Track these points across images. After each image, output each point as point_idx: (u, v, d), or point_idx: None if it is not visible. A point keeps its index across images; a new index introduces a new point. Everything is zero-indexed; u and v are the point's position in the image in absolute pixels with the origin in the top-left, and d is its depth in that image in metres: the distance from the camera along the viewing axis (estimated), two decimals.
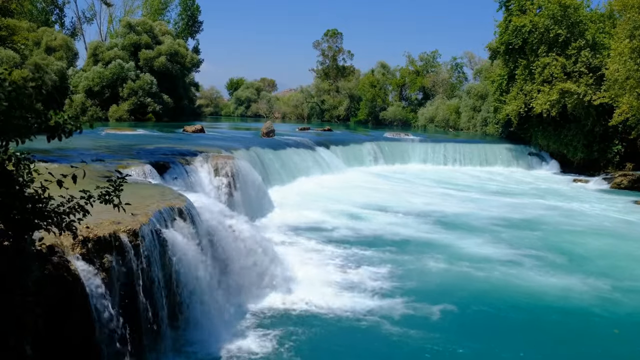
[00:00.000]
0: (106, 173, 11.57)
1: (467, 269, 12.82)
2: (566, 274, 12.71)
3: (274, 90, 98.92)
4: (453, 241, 15.45)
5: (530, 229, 17.33)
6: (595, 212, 21.12)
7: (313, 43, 79.54)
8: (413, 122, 66.32)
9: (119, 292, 6.94)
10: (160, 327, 7.74)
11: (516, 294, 11.29)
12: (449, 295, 11.01)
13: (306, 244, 14.41)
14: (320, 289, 10.89)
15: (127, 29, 52.75)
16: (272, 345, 8.50)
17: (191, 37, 71.46)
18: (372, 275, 12.01)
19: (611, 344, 9.36)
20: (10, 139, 4.98)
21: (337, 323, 9.49)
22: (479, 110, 51.97)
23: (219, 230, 10.10)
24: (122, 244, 7.07)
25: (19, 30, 33.69)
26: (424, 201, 21.79)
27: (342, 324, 9.46)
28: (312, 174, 25.41)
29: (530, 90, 33.60)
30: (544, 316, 10.30)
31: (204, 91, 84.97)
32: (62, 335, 6.04)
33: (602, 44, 31.88)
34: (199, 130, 31.87)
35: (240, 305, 9.75)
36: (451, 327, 9.60)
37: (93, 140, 20.87)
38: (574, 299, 11.14)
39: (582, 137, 32.93)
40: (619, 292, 11.56)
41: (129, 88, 49.22)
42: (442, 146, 35.86)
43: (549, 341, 9.31)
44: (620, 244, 16.12)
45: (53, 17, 67.31)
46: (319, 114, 78.46)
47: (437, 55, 71.20)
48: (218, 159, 16.88)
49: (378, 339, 9.00)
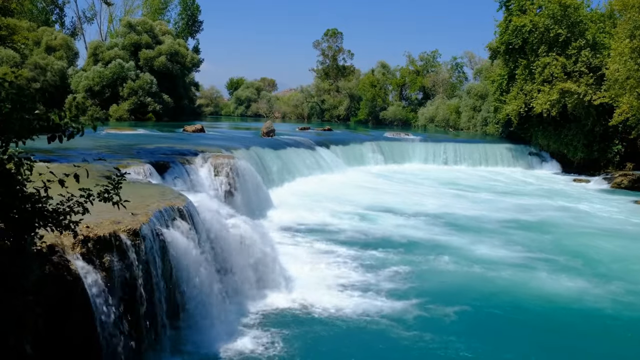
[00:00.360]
0: (106, 172, 11.57)
1: (479, 271, 12.70)
2: (579, 276, 12.54)
3: (274, 90, 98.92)
4: (455, 242, 15.37)
5: (538, 231, 17.15)
6: (600, 213, 20.98)
7: (313, 43, 79.60)
8: (413, 122, 66.33)
9: (119, 291, 6.94)
10: (160, 326, 7.74)
11: (528, 297, 11.17)
12: (458, 296, 10.90)
13: (306, 244, 14.41)
14: (322, 290, 10.88)
15: (128, 29, 52.76)
16: (272, 346, 8.49)
17: (191, 36, 71.52)
18: (375, 276, 11.97)
19: (625, 348, 9.28)
20: (10, 140, 4.98)
21: (338, 324, 9.47)
22: (479, 110, 51.97)
23: (219, 229, 10.10)
24: (122, 244, 7.07)
25: (19, 30, 33.73)
26: (424, 201, 21.80)
27: (342, 325, 9.43)
28: (312, 174, 25.42)
29: (531, 90, 33.59)
30: (557, 319, 10.20)
31: (204, 91, 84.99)
32: (62, 335, 6.04)
33: (602, 44, 31.88)
34: (199, 130, 31.87)
35: (240, 305, 9.74)
36: (461, 329, 9.50)
37: (93, 139, 20.85)
38: (587, 302, 11.00)
39: (582, 137, 32.93)
40: (633, 296, 11.40)
41: (129, 88, 49.23)
42: (443, 146, 35.85)
43: (562, 345, 9.23)
44: (631, 246, 15.96)
45: (53, 16, 67.45)
46: (319, 113, 78.45)
47: (437, 55, 71.32)
48: (218, 159, 16.88)
49: (382, 341, 8.96)
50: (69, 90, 49.92)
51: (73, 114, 5.02)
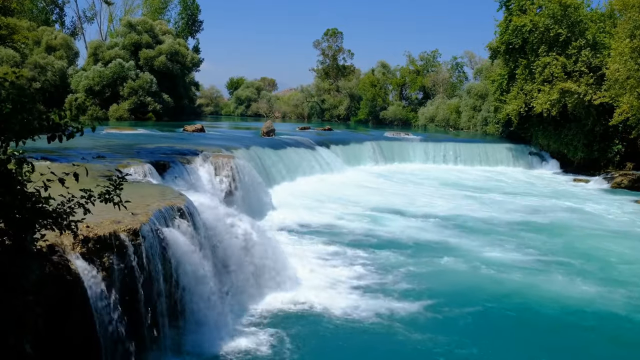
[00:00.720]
0: (106, 172, 11.56)
1: (490, 273, 12.61)
2: (590, 279, 12.42)
3: (274, 90, 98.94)
4: (464, 244, 15.29)
5: (545, 233, 17.00)
6: (605, 214, 20.85)
7: (313, 42, 79.61)
8: (413, 122, 66.34)
9: (119, 291, 6.94)
10: (160, 326, 7.73)
11: (540, 299, 11.09)
12: (469, 299, 10.85)
13: (306, 244, 14.40)
14: (322, 289, 10.87)
15: (128, 29, 52.77)
16: (272, 346, 8.48)
17: (191, 36, 71.58)
18: (378, 278, 11.94)
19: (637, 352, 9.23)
20: (11, 140, 4.98)
21: (340, 324, 9.45)
22: (479, 110, 51.96)
23: (219, 229, 10.09)
24: (122, 243, 7.07)
25: (20, 29, 33.73)
26: (425, 201, 21.81)
27: (345, 325, 9.40)
28: (312, 174, 25.42)
29: (531, 90, 33.58)
30: (569, 322, 10.12)
31: (204, 90, 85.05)
32: (62, 335, 6.04)
33: (602, 44, 31.85)
34: (199, 130, 31.87)
35: (241, 304, 9.73)
36: (472, 331, 9.46)
37: (93, 139, 20.83)
38: (599, 305, 10.90)
39: (583, 136, 32.91)
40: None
41: (129, 87, 49.26)
42: (443, 146, 35.84)
43: (574, 347, 9.17)
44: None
45: (53, 16, 67.44)
46: (319, 113, 78.44)
47: (437, 55, 71.35)
48: (218, 159, 16.88)
49: (388, 343, 8.91)
50: (69, 89, 49.96)
51: (73, 114, 5.01)
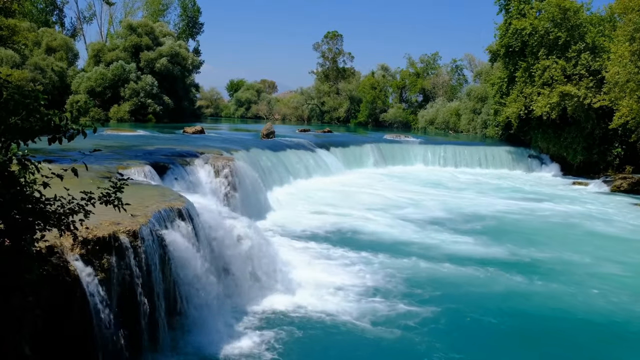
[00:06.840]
0: (106, 173, 11.57)
1: (495, 275, 12.61)
2: (590, 281, 12.43)
3: (274, 92, 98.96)
4: (465, 246, 15.29)
5: (543, 235, 17.01)
6: (605, 217, 20.82)
7: (313, 45, 79.52)
8: (413, 124, 66.34)
9: (117, 292, 6.94)
10: (159, 327, 7.74)
11: (532, 302, 11.10)
12: (474, 302, 10.83)
13: (305, 246, 14.40)
14: (321, 292, 10.88)
15: (128, 31, 52.85)
16: (271, 347, 8.49)
17: (192, 38, 71.69)
18: (377, 280, 11.94)
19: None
20: (11, 141, 4.98)
21: (337, 326, 9.46)
22: (479, 113, 51.98)
23: (218, 231, 10.10)
24: (121, 245, 7.08)
25: (20, 31, 33.74)
26: (426, 204, 21.78)
27: (342, 328, 9.41)
28: (312, 176, 25.43)
29: (530, 93, 33.64)
30: (567, 327, 10.11)
31: (205, 92, 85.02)
32: (61, 335, 6.05)
33: (602, 47, 31.91)
34: (199, 132, 31.89)
35: (239, 306, 9.74)
36: (470, 333, 9.49)
37: (94, 140, 20.83)
38: (597, 309, 10.89)
39: (582, 139, 32.95)
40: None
41: (130, 89, 49.34)
42: (442, 148, 35.91)
43: (570, 353, 9.19)
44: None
45: (53, 17, 67.47)
46: (319, 115, 78.44)
47: (437, 58, 71.31)
48: (218, 160, 16.89)
49: (384, 343, 8.94)
50: (69, 91, 49.99)
51: (74, 116, 5.02)
